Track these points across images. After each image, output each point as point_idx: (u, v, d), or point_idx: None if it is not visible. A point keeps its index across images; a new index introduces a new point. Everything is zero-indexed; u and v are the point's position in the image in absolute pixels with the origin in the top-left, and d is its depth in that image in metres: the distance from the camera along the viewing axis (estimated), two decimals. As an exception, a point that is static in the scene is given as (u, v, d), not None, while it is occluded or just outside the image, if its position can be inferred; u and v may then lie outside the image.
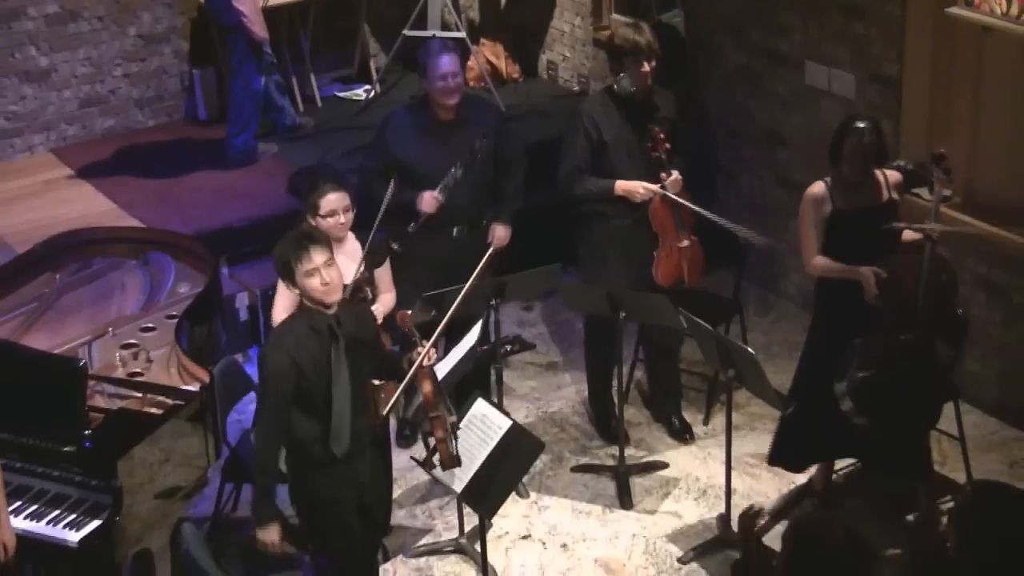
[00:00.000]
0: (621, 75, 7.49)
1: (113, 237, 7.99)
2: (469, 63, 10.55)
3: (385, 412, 6.45)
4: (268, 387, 6.00)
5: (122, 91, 10.36)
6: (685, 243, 7.61)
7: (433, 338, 6.21)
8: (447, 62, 7.47)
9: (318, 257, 5.89)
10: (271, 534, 6.11)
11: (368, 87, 10.78)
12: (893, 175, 6.91)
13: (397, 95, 10.63)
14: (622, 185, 7.48)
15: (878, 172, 6.84)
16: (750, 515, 5.52)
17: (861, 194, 6.79)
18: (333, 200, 6.73)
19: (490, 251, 7.22)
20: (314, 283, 5.89)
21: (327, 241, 6.07)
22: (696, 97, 9.27)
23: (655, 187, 7.44)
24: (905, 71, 8.10)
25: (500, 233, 7.77)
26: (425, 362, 6.13)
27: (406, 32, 10.23)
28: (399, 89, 10.77)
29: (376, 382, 6.39)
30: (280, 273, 6.07)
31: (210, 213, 9.20)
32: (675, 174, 7.46)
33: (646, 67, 7.39)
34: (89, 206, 9.38)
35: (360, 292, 6.86)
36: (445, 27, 10.30)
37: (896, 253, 6.76)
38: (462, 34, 10.33)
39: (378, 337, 6.44)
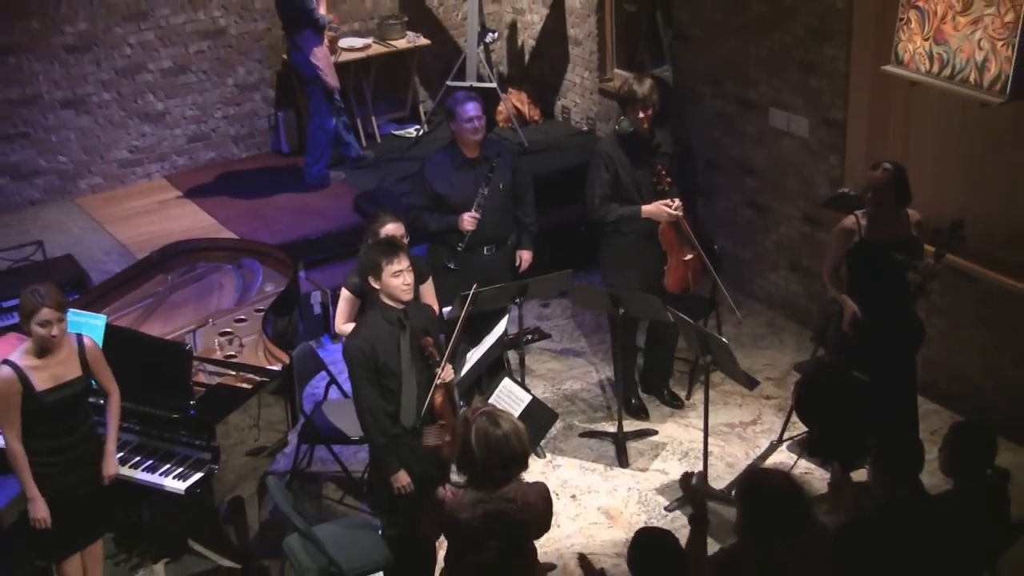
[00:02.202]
0: (621, 118, 7.48)
1: (213, 246, 8.02)
2: (499, 107, 10.56)
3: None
4: (355, 369, 5.94)
5: (221, 129, 10.40)
6: (689, 256, 7.54)
7: (445, 357, 6.10)
8: (472, 107, 7.38)
9: (404, 261, 5.93)
10: (399, 480, 6.02)
11: (418, 127, 10.78)
12: (914, 215, 6.75)
13: (441, 133, 10.64)
14: (647, 209, 7.38)
15: (907, 211, 6.71)
16: (687, 477, 5.48)
17: (886, 228, 6.67)
18: (391, 229, 6.64)
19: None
20: (398, 282, 5.90)
21: (407, 251, 6.10)
22: (682, 135, 9.26)
23: (673, 207, 7.37)
24: (849, 116, 8.07)
25: (526, 256, 7.76)
26: (439, 381, 6.01)
27: (448, 83, 10.22)
28: (443, 128, 10.74)
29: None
30: (368, 271, 5.98)
31: (291, 227, 9.21)
32: (677, 201, 7.38)
33: (642, 114, 7.31)
34: (194, 221, 9.42)
35: None
36: (480, 79, 10.29)
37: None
38: (494, 84, 10.32)
39: (437, 328, 6.38)
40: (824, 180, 8.35)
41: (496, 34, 10.89)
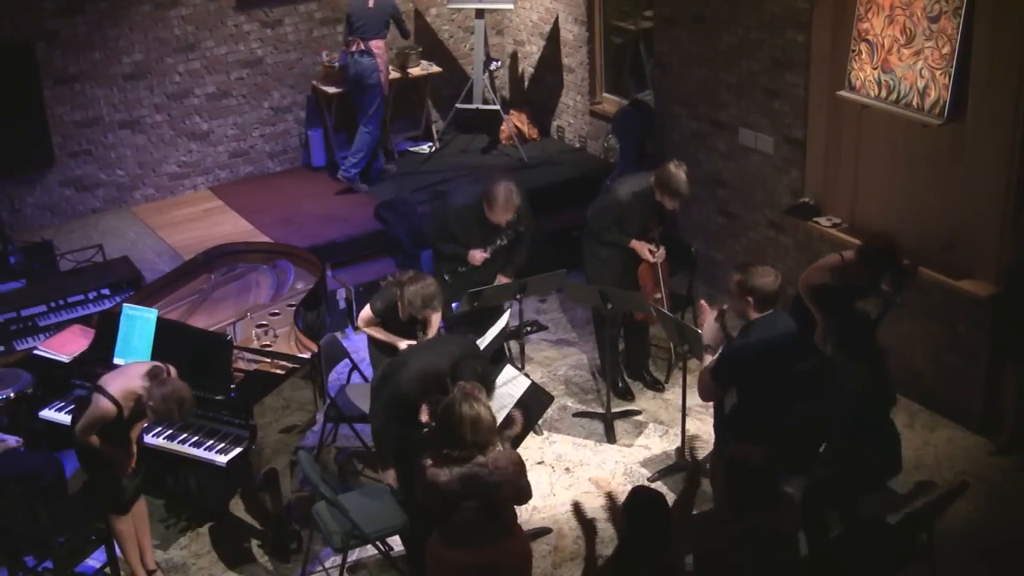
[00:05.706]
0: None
1: (251, 249, 8.03)
2: (502, 127, 10.57)
3: None
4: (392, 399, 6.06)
5: (258, 146, 10.40)
6: (658, 295, 7.59)
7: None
8: (505, 202, 7.25)
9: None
10: (387, 478, 6.20)
11: (431, 144, 10.77)
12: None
13: (450, 150, 10.66)
14: (635, 244, 7.50)
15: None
16: (691, 440, 5.58)
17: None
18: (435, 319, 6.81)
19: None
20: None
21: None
22: (663, 151, 9.25)
23: (655, 253, 7.50)
24: (808, 135, 8.07)
25: (502, 279, 7.66)
26: None
27: (458, 105, 10.23)
28: (452, 146, 10.77)
29: None
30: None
31: (319, 232, 9.21)
32: (662, 250, 7.51)
33: (676, 202, 7.39)
34: (234, 227, 9.43)
35: None
36: (485, 102, 10.30)
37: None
38: (497, 107, 10.33)
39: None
40: (786, 191, 8.34)
41: (499, 63, 10.89)
